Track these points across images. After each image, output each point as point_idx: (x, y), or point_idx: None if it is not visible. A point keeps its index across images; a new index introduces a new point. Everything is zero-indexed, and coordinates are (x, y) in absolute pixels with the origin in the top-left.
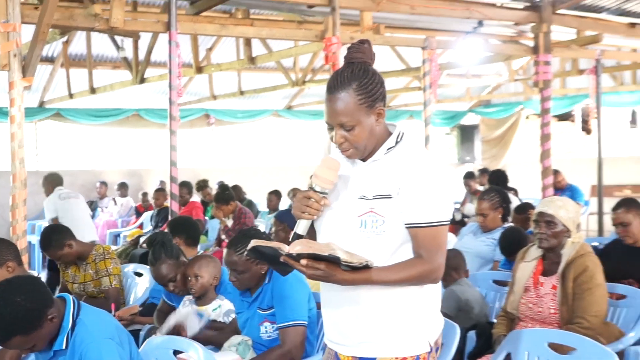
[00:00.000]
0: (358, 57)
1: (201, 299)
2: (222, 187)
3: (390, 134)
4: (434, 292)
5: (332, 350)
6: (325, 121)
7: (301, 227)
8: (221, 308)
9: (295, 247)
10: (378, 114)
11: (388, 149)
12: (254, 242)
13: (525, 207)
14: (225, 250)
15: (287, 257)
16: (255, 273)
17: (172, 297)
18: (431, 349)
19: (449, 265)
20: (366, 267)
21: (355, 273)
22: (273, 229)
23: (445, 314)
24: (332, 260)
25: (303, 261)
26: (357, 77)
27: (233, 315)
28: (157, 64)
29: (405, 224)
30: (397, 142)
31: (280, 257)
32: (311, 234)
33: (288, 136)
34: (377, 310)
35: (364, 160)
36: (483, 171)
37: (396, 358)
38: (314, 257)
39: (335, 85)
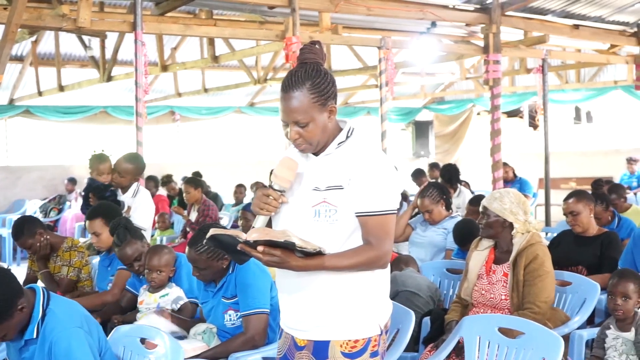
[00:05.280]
0: (310, 57)
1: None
2: (196, 173)
3: (340, 129)
4: (383, 278)
5: (288, 334)
6: (280, 118)
7: (259, 222)
8: (169, 296)
9: (252, 235)
10: (330, 112)
11: (339, 144)
12: (212, 231)
13: (478, 199)
14: (186, 249)
15: (244, 244)
16: (217, 268)
17: (137, 286)
18: (381, 332)
19: (400, 260)
20: (319, 254)
21: (309, 259)
22: (240, 222)
23: None
24: (287, 247)
25: (260, 248)
26: (311, 77)
27: (181, 302)
28: (123, 62)
29: (356, 213)
30: (347, 137)
31: (237, 245)
32: (268, 226)
33: (250, 132)
34: (331, 295)
35: (316, 154)
36: (433, 166)
37: (349, 340)
38: (270, 244)
39: (289, 84)
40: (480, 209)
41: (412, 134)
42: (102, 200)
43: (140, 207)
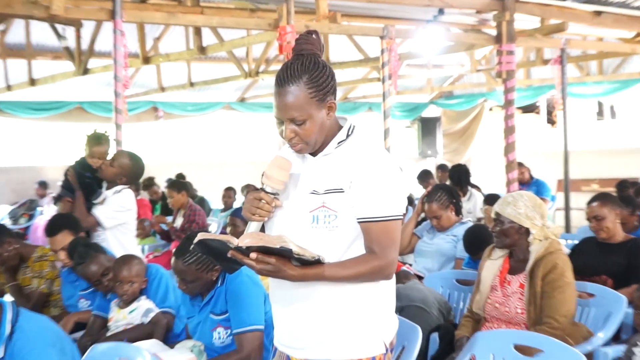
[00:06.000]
0: (307, 48)
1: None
2: (179, 175)
3: (340, 127)
4: (388, 290)
5: (283, 353)
6: (274, 115)
7: (252, 229)
8: (138, 310)
9: (245, 240)
10: (329, 108)
11: (339, 143)
12: (200, 236)
13: (495, 198)
14: (172, 259)
15: (236, 250)
16: (206, 280)
17: (105, 307)
18: (387, 350)
19: (400, 274)
20: (318, 262)
21: (307, 268)
22: (229, 228)
23: None
24: (283, 254)
25: (252, 254)
26: (308, 70)
27: (152, 315)
28: (101, 54)
29: (358, 219)
30: (347, 136)
31: (228, 251)
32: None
33: (241, 130)
34: (331, 309)
35: (313, 154)
36: (441, 167)
37: None
38: (264, 251)
39: (285, 78)
40: (493, 216)
41: (418, 132)
42: (80, 179)
43: (111, 204)
